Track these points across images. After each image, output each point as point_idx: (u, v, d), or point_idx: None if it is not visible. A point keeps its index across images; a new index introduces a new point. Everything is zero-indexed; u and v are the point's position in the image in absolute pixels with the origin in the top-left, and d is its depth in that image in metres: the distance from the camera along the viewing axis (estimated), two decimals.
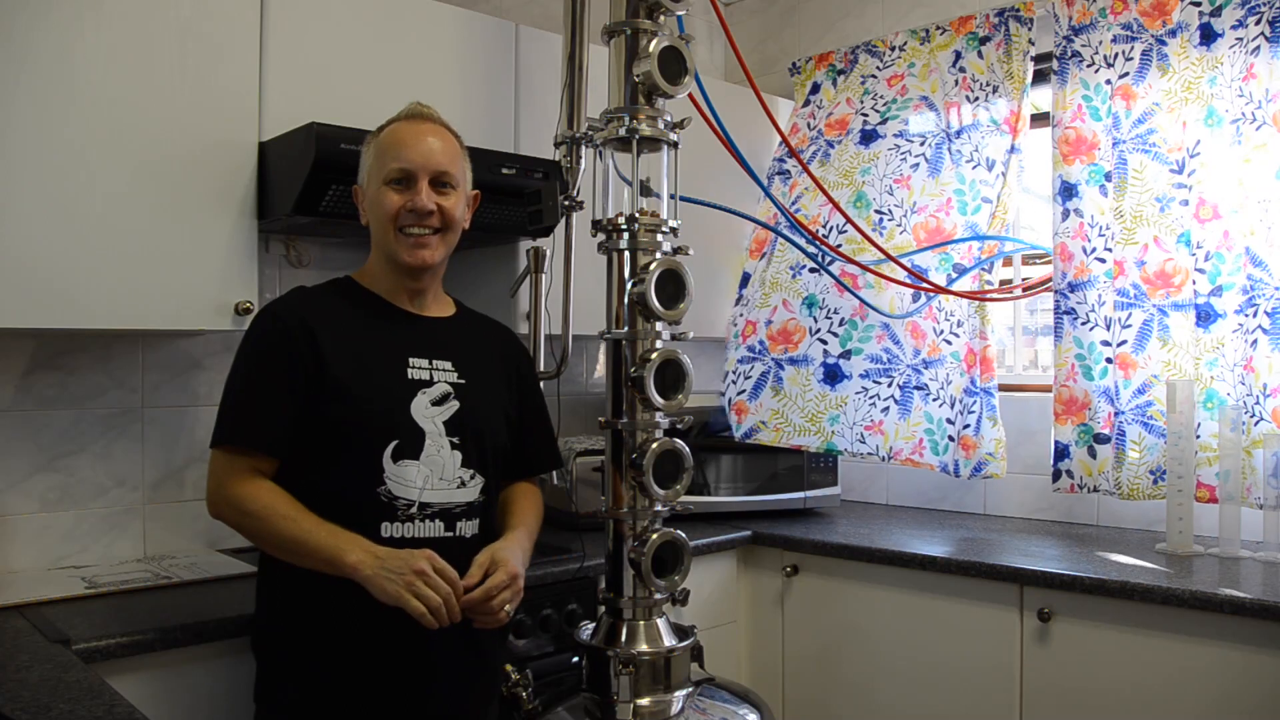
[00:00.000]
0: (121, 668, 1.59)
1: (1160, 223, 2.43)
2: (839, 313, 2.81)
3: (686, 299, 1.85)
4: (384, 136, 1.65)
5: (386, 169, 1.61)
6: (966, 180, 2.75)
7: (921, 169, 2.81)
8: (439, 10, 2.33)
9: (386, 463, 1.54)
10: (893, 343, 2.77)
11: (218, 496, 1.55)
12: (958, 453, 2.68)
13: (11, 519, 2.02)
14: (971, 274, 2.73)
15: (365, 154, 1.67)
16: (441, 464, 1.59)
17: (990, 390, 2.66)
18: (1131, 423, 2.45)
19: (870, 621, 2.42)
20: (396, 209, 1.60)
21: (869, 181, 2.86)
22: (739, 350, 2.90)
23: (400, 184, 1.61)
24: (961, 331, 2.70)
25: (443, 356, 1.66)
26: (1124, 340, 2.47)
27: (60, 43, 1.78)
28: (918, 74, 2.86)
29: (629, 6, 1.87)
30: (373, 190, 1.63)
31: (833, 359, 2.80)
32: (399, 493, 1.55)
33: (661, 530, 1.83)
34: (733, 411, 2.85)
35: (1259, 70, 2.30)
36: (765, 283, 2.90)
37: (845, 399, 2.78)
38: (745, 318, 2.92)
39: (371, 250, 1.70)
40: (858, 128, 2.94)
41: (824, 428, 2.77)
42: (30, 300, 1.76)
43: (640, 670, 1.78)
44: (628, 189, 1.89)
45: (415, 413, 1.59)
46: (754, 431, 2.80)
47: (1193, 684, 1.94)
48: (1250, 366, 2.29)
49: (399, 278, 1.67)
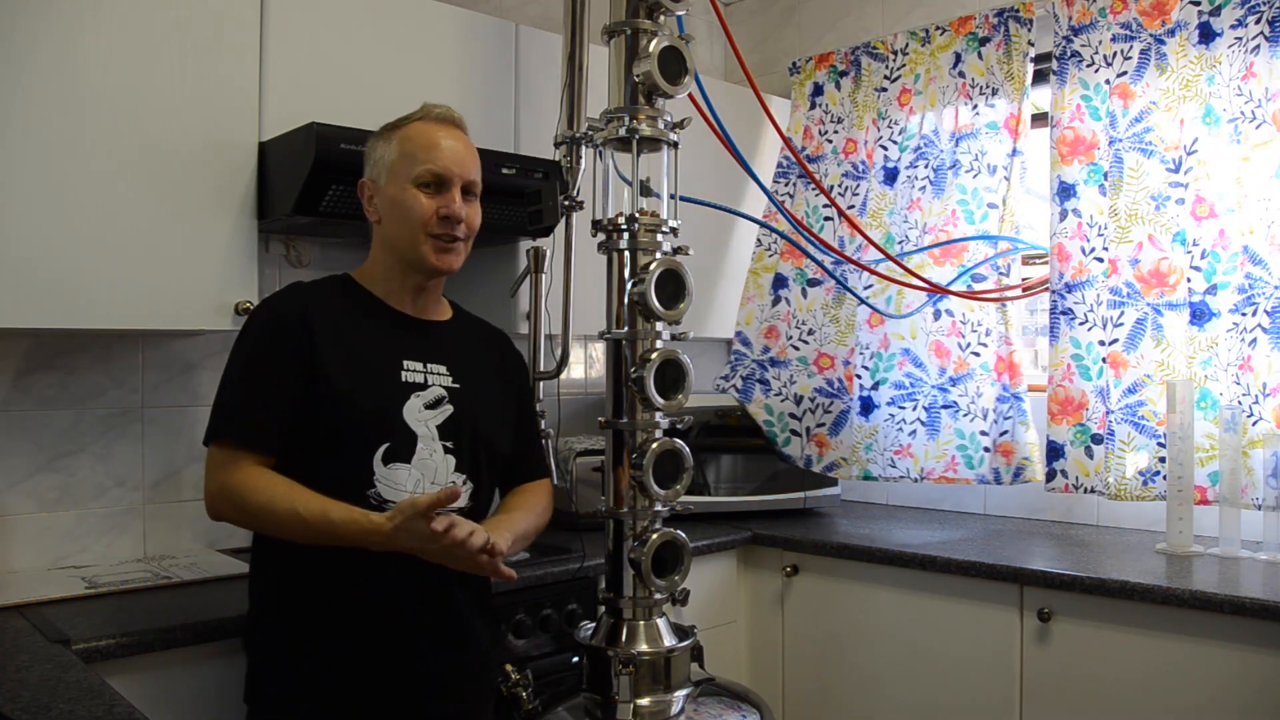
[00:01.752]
0: (121, 668, 1.59)
1: (1155, 221, 2.42)
2: (870, 347, 2.86)
3: (686, 299, 1.85)
4: (411, 134, 1.61)
5: (417, 170, 1.58)
6: (969, 190, 2.75)
7: (928, 190, 2.83)
8: (439, 10, 2.33)
9: (377, 465, 1.53)
10: (915, 366, 2.79)
11: (217, 491, 1.51)
12: (996, 460, 2.68)
13: (11, 519, 2.02)
14: (992, 280, 2.74)
15: (382, 148, 1.63)
16: (434, 468, 1.58)
17: (1020, 395, 2.67)
18: (1121, 422, 2.44)
19: (870, 621, 2.42)
20: (430, 213, 1.58)
21: (894, 223, 2.88)
22: (815, 379, 2.90)
23: (431, 188, 1.59)
24: (990, 340, 2.71)
25: (438, 360, 1.65)
26: (1115, 339, 2.46)
27: (61, 43, 1.78)
28: (923, 89, 2.86)
29: (629, 6, 1.87)
30: (394, 190, 1.59)
31: (865, 391, 2.85)
32: (389, 496, 1.54)
33: (661, 530, 1.83)
34: (810, 442, 2.87)
35: (1259, 69, 2.30)
36: (840, 320, 2.91)
37: (876, 428, 2.83)
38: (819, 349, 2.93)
39: (376, 249, 1.67)
40: (880, 162, 2.92)
41: (860, 456, 2.84)
42: (30, 300, 1.76)
43: (640, 670, 1.78)
44: (628, 189, 1.89)
45: (408, 416, 1.58)
46: (835, 467, 2.86)
47: (1192, 684, 1.94)
48: (1248, 366, 2.29)
49: (410, 278, 1.65)
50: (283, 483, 1.49)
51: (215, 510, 1.54)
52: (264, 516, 1.49)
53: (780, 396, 2.89)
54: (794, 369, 2.94)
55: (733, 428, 2.86)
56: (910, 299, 2.80)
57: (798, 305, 2.99)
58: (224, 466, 1.52)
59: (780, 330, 2.99)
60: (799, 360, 2.95)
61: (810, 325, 2.97)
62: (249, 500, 1.49)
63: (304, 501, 1.46)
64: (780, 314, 3.00)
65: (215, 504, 1.54)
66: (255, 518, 1.51)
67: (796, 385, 2.91)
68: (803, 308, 2.98)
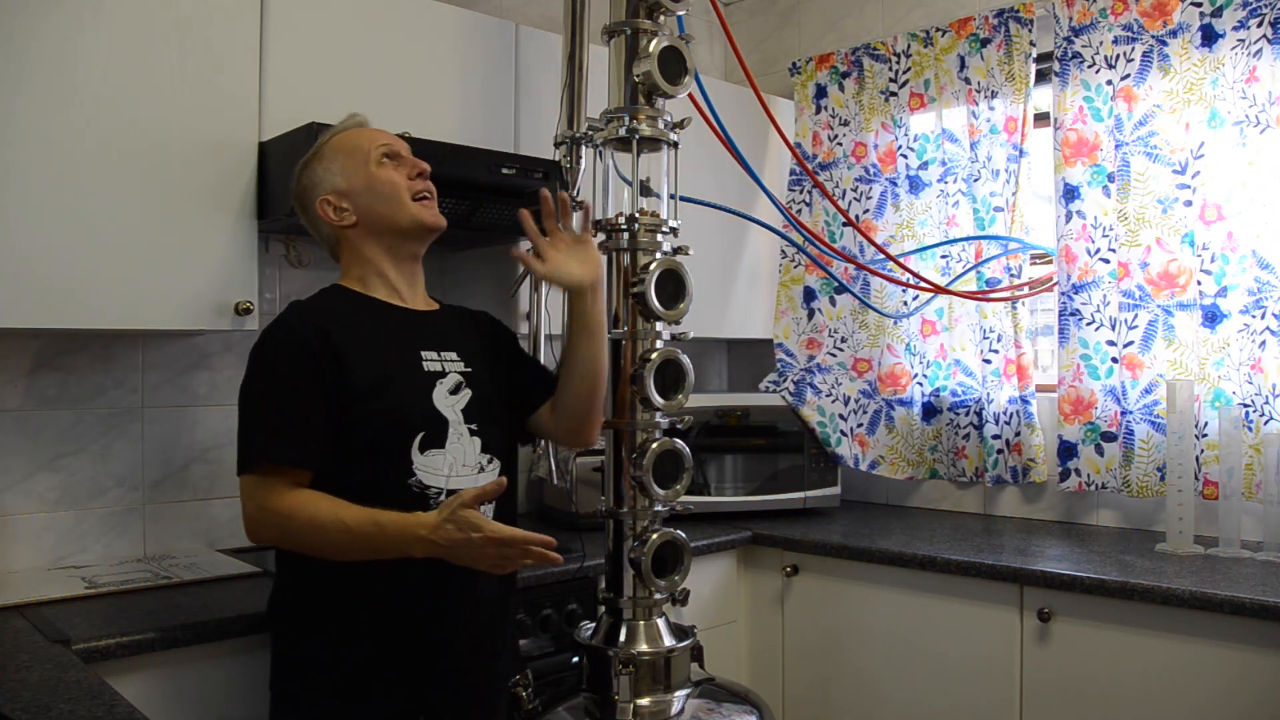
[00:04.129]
0: (121, 668, 1.59)
1: (1163, 224, 2.44)
2: (926, 355, 2.93)
3: (686, 299, 1.85)
4: (339, 140, 1.68)
5: (370, 153, 1.65)
6: (979, 197, 2.76)
7: (943, 194, 2.87)
8: (439, 10, 2.33)
9: (415, 454, 1.56)
10: (966, 375, 2.85)
11: (258, 514, 1.50)
12: (1012, 458, 2.73)
13: (11, 519, 2.02)
14: (1004, 282, 2.75)
15: (322, 167, 1.66)
16: (463, 451, 1.61)
17: (1029, 398, 2.70)
18: (1140, 421, 2.48)
19: (870, 621, 2.42)
20: (404, 178, 1.65)
21: (928, 233, 2.91)
22: (856, 382, 2.99)
23: (389, 159, 1.66)
24: (1001, 345, 2.74)
25: (447, 348, 1.68)
26: (1130, 341, 2.49)
27: (61, 43, 1.78)
28: (937, 95, 2.86)
29: (629, 6, 1.87)
30: (361, 179, 1.64)
31: (927, 397, 2.93)
32: (429, 482, 1.57)
33: (661, 530, 1.83)
34: (854, 441, 2.96)
35: (1262, 73, 2.30)
36: (869, 325, 2.99)
37: (939, 430, 2.90)
38: (855, 355, 3.02)
39: (352, 256, 1.68)
40: (900, 170, 2.95)
41: (926, 458, 2.93)
42: (30, 300, 1.76)
43: (640, 670, 1.78)
44: (628, 189, 1.89)
45: (437, 403, 1.61)
46: (876, 464, 2.97)
47: (1192, 684, 1.94)
48: (1259, 367, 2.31)
49: (402, 255, 1.67)
50: (325, 499, 1.49)
51: (257, 535, 1.52)
52: (309, 532, 1.48)
53: (830, 398, 2.96)
54: (837, 373, 3.03)
55: (733, 428, 2.86)
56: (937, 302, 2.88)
57: (829, 314, 3.09)
58: (262, 489, 1.49)
59: (821, 342, 3.10)
60: (839, 365, 3.04)
61: (843, 333, 3.06)
62: (294, 518, 1.48)
63: (350, 513, 1.47)
64: (817, 325, 3.11)
65: (256, 529, 1.52)
66: (300, 535, 1.50)
67: (843, 387, 2.99)
68: (833, 316, 3.08)
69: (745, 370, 3.49)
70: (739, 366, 3.52)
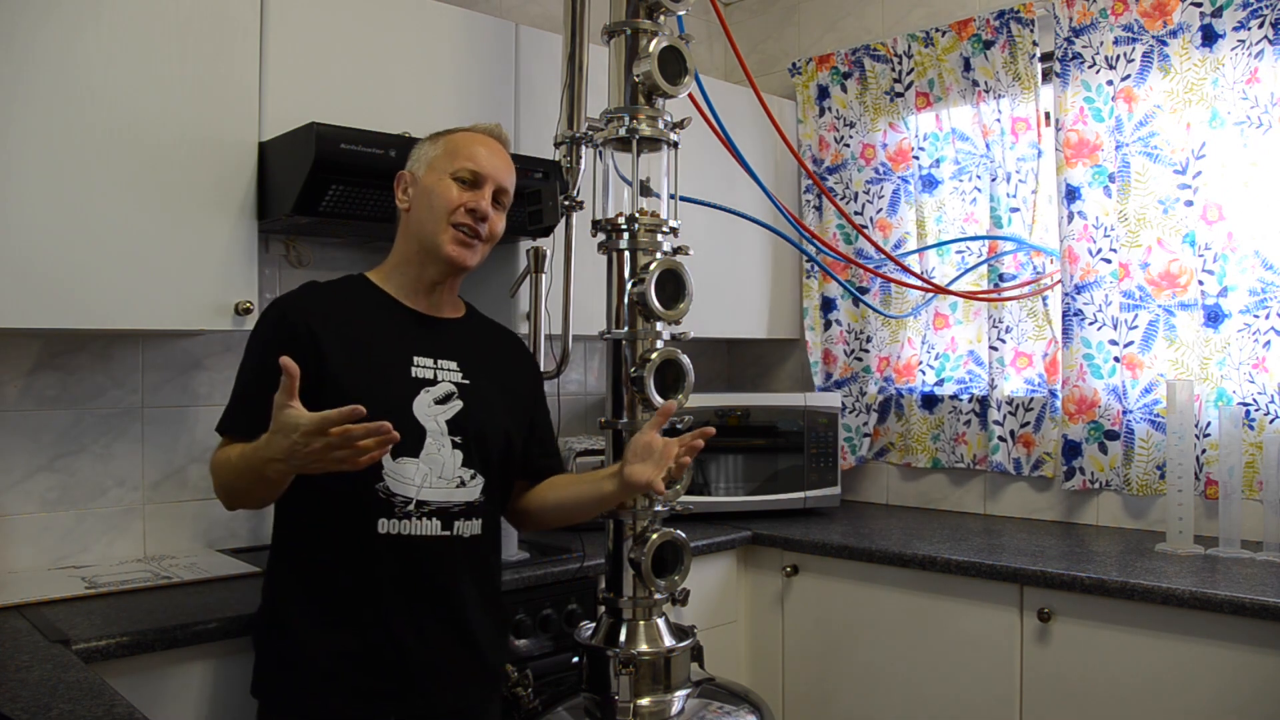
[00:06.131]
0: (121, 668, 1.59)
1: (1164, 224, 2.45)
2: (935, 347, 2.96)
3: (686, 299, 1.85)
4: (458, 138, 1.68)
5: (457, 165, 1.64)
6: (998, 198, 2.76)
7: (955, 194, 2.89)
8: (439, 10, 2.33)
9: (385, 459, 1.54)
10: (976, 365, 2.88)
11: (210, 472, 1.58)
12: (1018, 450, 2.75)
13: (11, 519, 2.02)
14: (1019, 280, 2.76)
15: (428, 147, 1.68)
16: (441, 463, 1.59)
17: (1056, 392, 2.69)
18: (1140, 421, 2.49)
19: (870, 621, 2.42)
20: (458, 202, 1.63)
21: (944, 229, 2.93)
22: (877, 383, 3.05)
23: (465, 184, 1.64)
24: (1010, 337, 2.76)
25: (449, 356, 1.66)
26: (1130, 341, 2.50)
27: (61, 43, 1.78)
28: (943, 94, 2.86)
29: (629, 6, 1.87)
30: (431, 179, 1.64)
31: (929, 387, 2.97)
32: (397, 489, 1.55)
33: (661, 530, 1.83)
34: (868, 438, 3.06)
35: (1263, 74, 2.30)
36: (891, 322, 3.02)
37: (942, 419, 2.94)
38: (878, 354, 3.06)
39: (399, 240, 1.69)
40: (913, 170, 2.96)
41: (928, 445, 2.96)
42: (31, 300, 1.76)
43: (640, 670, 1.78)
44: (628, 189, 1.89)
45: (417, 411, 1.59)
46: (885, 452, 3.06)
47: (1192, 683, 1.94)
48: (1263, 367, 2.32)
49: (426, 271, 1.67)
50: (237, 447, 1.52)
51: (217, 493, 1.59)
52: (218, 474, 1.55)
53: (854, 412, 3.05)
54: (861, 380, 3.06)
55: (732, 428, 2.86)
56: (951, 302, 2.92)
57: (850, 317, 3.11)
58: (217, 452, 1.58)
59: (835, 354, 3.12)
60: (863, 371, 3.07)
61: (868, 333, 3.07)
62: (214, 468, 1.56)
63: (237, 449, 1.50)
64: (834, 337, 3.13)
65: (215, 488, 1.59)
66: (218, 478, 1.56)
67: (866, 397, 3.05)
68: (856, 318, 3.10)
69: (745, 370, 3.49)
70: (739, 366, 3.52)
